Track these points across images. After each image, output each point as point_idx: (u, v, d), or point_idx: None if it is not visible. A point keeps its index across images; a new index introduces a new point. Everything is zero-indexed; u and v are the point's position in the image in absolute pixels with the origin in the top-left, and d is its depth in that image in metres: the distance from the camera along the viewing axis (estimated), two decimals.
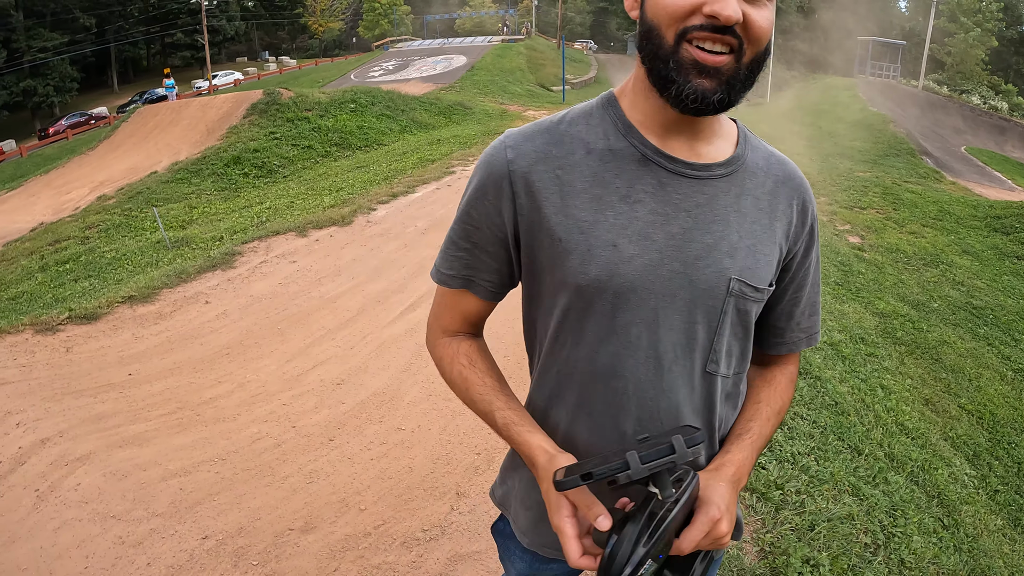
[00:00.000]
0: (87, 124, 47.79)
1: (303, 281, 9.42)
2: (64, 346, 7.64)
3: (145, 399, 6.57)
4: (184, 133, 25.40)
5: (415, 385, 6.57)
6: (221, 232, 13.04)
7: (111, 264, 13.11)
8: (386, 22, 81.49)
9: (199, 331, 8.05)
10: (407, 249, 10.64)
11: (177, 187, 19.31)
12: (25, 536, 4.66)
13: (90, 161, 26.76)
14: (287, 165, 21.15)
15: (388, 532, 4.54)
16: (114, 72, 69.22)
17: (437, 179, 15.67)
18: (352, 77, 46.96)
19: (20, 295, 12.53)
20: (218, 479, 5.20)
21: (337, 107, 25.54)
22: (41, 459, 5.47)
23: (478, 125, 27.08)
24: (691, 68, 1.32)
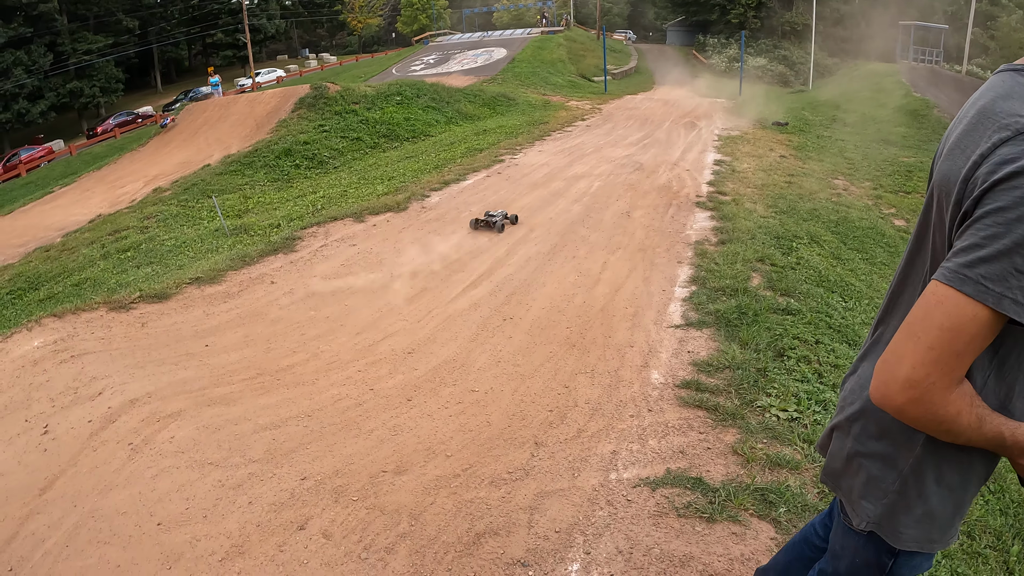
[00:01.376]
0: (134, 123, 48.71)
1: (365, 262, 9.71)
2: (139, 321, 7.99)
3: (225, 366, 6.90)
4: (233, 128, 25.90)
5: (483, 354, 6.82)
6: (278, 219, 13.39)
7: (172, 251, 13.52)
8: (424, 17, 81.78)
9: (268, 308, 8.37)
10: (464, 232, 10.92)
11: (231, 179, 19.76)
12: (122, 484, 4.97)
13: (142, 157, 27.41)
14: (337, 156, 21.50)
15: (476, 474, 4.80)
16: (157, 72, 70.28)
17: (487, 167, 15.97)
18: (394, 72, 47.34)
19: (84, 281, 13.00)
20: (307, 431, 5.50)
21: (383, 100, 25.89)
22: (132, 417, 5.80)
23: (522, 116, 27.31)
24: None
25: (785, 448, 4.85)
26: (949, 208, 1.55)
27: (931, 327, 1.46)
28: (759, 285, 8.20)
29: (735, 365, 6.08)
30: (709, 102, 32.86)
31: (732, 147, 19.29)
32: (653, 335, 7.01)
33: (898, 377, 1.50)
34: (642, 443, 5.04)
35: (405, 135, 23.71)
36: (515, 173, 15.45)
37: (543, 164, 16.39)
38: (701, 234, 10.47)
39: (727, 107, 30.74)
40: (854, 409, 1.89)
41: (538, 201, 12.69)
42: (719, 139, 20.93)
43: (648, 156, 17.42)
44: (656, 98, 35.90)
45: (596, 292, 8.28)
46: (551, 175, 15.07)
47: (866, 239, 11.97)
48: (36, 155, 43.36)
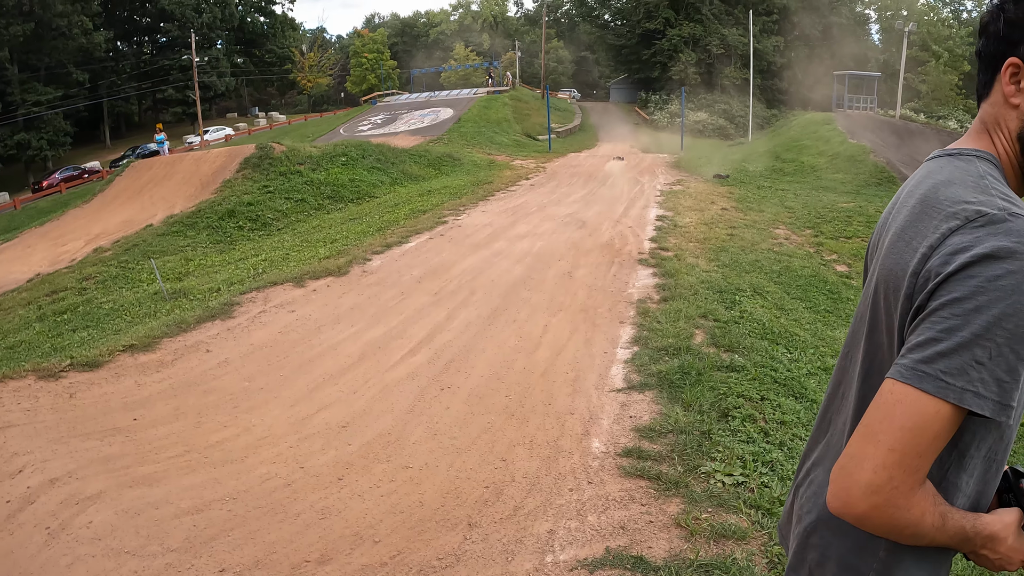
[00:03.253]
0: (80, 178, 48.16)
1: (303, 329, 9.57)
2: (67, 392, 7.75)
3: (152, 442, 6.68)
4: (178, 187, 25.65)
5: (419, 426, 6.70)
6: (218, 283, 13.19)
7: (109, 315, 13.21)
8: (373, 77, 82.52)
9: (202, 378, 8.18)
10: (404, 297, 10.82)
11: (173, 240, 19.51)
12: (37, 572, 4.75)
13: (85, 214, 26.95)
14: (281, 218, 21.38)
15: (404, 561, 4.66)
16: (107, 127, 69.74)
17: (430, 229, 15.94)
18: (342, 131, 47.50)
19: (18, 344, 12.63)
20: (231, 516, 5.32)
21: (329, 160, 25.88)
22: (51, 498, 5.57)
23: (467, 176, 27.48)
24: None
25: (731, 516, 4.77)
26: (899, 304, 1.52)
27: (891, 428, 1.41)
28: (702, 342, 8.21)
29: (678, 429, 6.02)
30: (652, 157, 33.43)
31: (674, 201, 19.59)
32: (594, 400, 6.95)
33: (859, 482, 1.44)
34: (581, 520, 4.94)
35: (350, 196, 23.69)
36: (458, 234, 15.44)
37: (486, 224, 16.43)
38: (643, 292, 10.51)
39: (669, 162, 31.29)
40: (811, 519, 1.80)
41: (480, 262, 12.67)
42: (661, 194, 21.27)
43: (591, 213, 17.59)
44: (599, 155, 36.47)
45: (537, 356, 8.22)
46: (494, 235, 15.10)
47: (809, 287, 12.14)
48: None
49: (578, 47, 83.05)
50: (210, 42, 75.92)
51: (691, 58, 63.33)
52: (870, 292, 1.68)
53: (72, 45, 57.46)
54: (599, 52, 76.67)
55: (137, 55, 71.45)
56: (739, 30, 61.37)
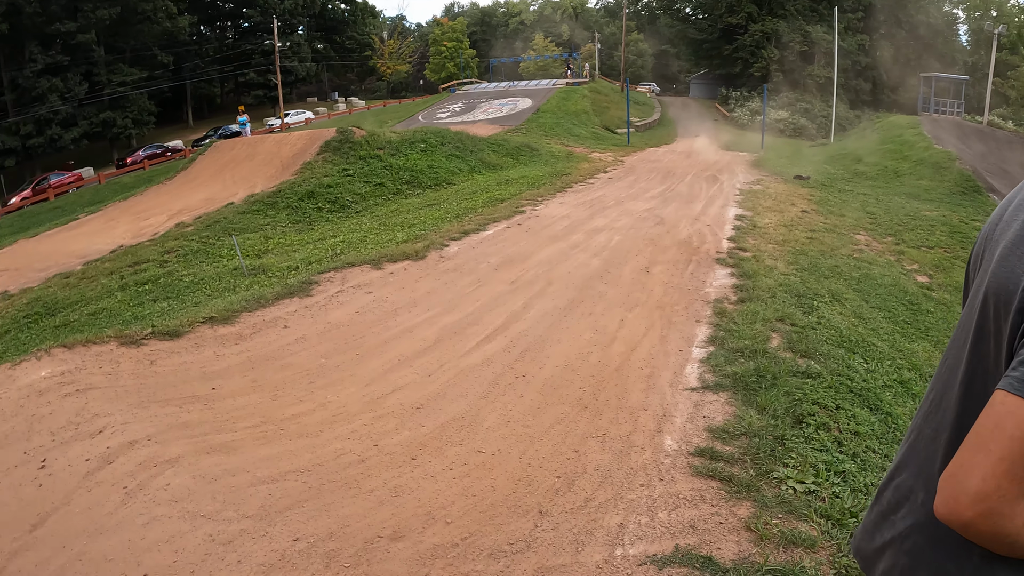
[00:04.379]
0: (163, 156, 49.37)
1: (379, 311, 9.64)
2: (148, 359, 7.92)
3: (229, 412, 6.80)
4: (259, 167, 26.09)
5: (493, 413, 6.69)
6: (297, 262, 13.39)
7: (189, 287, 13.51)
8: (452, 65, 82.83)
9: (279, 353, 8.29)
10: (480, 284, 10.84)
11: (253, 218, 19.84)
12: (113, 529, 4.86)
13: (168, 190, 27.63)
14: (359, 201, 21.57)
15: (475, 544, 4.65)
16: (189, 108, 71.46)
17: (507, 218, 15.96)
18: (420, 118, 47.83)
19: (100, 311, 12.99)
20: (306, 488, 5.38)
21: (408, 146, 26.02)
22: (129, 459, 5.70)
23: (545, 166, 27.39)
24: None
25: (801, 524, 4.66)
26: (1009, 316, 1.49)
27: (1002, 438, 1.40)
28: (779, 346, 8.04)
29: (752, 432, 5.91)
30: (731, 155, 32.94)
31: (753, 201, 19.23)
32: (668, 398, 6.85)
33: (968, 490, 1.43)
34: (651, 516, 4.87)
35: (428, 182, 23.80)
36: (535, 225, 15.41)
37: (564, 216, 16.36)
38: (721, 292, 10.34)
39: (749, 160, 30.80)
40: (905, 525, 1.78)
41: (557, 254, 12.62)
42: (740, 193, 20.89)
43: (669, 210, 17.38)
44: (678, 151, 36.05)
45: (612, 351, 8.14)
46: (571, 227, 15.03)
47: (888, 297, 11.81)
48: (65, 180, 43.97)
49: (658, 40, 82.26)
50: (292, 28, 77.18)
51: (773, 54, 62.28)
52: (977, 302, 1.65)
53: (157, 29, 59.00)
54: (679, 46, 75.79)
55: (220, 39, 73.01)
56: (823, 27, 59.94)
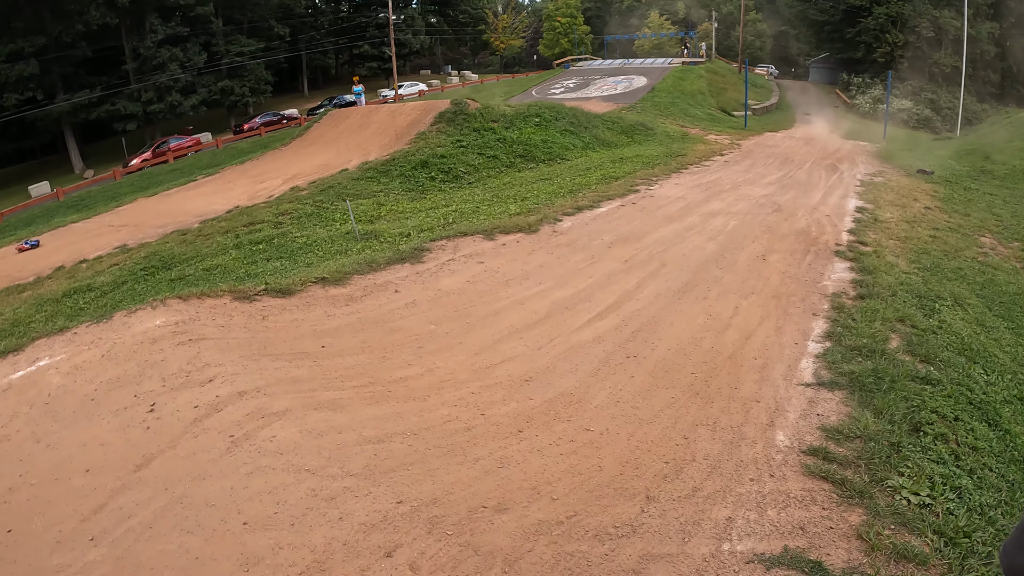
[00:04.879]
0: (279, 123, 50.56)
1: (491, 281, 9.61)
2: (260, 314, 8.10)
3: (338, 370, 6.88)
4: (373, 136, 26.41)
5: (602, 391, 6.57)
6: (408, 229, 13.48)
7: (302, 248, 13.77)
8: (566, 41, 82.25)
9: (389, 316, 8.36)
10: (593, 261, 10.70)
11: (367, 185, 20.06)
12: (216, 475, 4.96)
13: (283, 156, 28.27)
14: (472, 172, 21.60)
15: (580, 523, 4.56)
16: (304, 78, 73.10)
17: (621, 196, 15.74)
18: (534, 93, 47.70)
19: (214, 267, 13.40)
20: (411, 451, 5.37)
21: (522, 120, 25.92)
22: (238, 409, 5.82)
23: (660, 146, 26.93)
24: None
25: (913, 538, 4.45)
26: None
27: None
28: (897, 348, 7.68)
29: (867, 436, 5.68)
30: (852, 144, 31.77)
31: (875, 194, 18.44)
32: (782, 391, 6.63)
33: None
34: (760, 512, 4.72)
35: (541, 157, 23.65)
36: (650, 204, 15.16)
37: (679, 197, 16.04)
38: (839, 286, 9.93)
39: (870, 151, 29.60)
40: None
41: (672, 235, 12.37)
42: (861, 184, 20.06)
43: (787, 197, 16.83)
44: (797, 137, 34.97)
45: (725, 338, 7.92)
46: (687, 209, 14.72)
47: (1013, 306, 11.16)
48: (184, 144, 45.47)
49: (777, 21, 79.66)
50: (406, 1, 77.97)
51: (898, 39, 59.52)
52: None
53: (273, 2, 60.89)
54: (799, 27, 73.20)
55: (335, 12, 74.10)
56: (951, 12, 56.94)
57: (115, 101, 49.54)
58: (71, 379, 6.54)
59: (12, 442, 5.73)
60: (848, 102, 58.23)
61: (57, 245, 19.13)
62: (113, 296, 12.66)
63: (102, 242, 17.85)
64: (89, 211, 25.37)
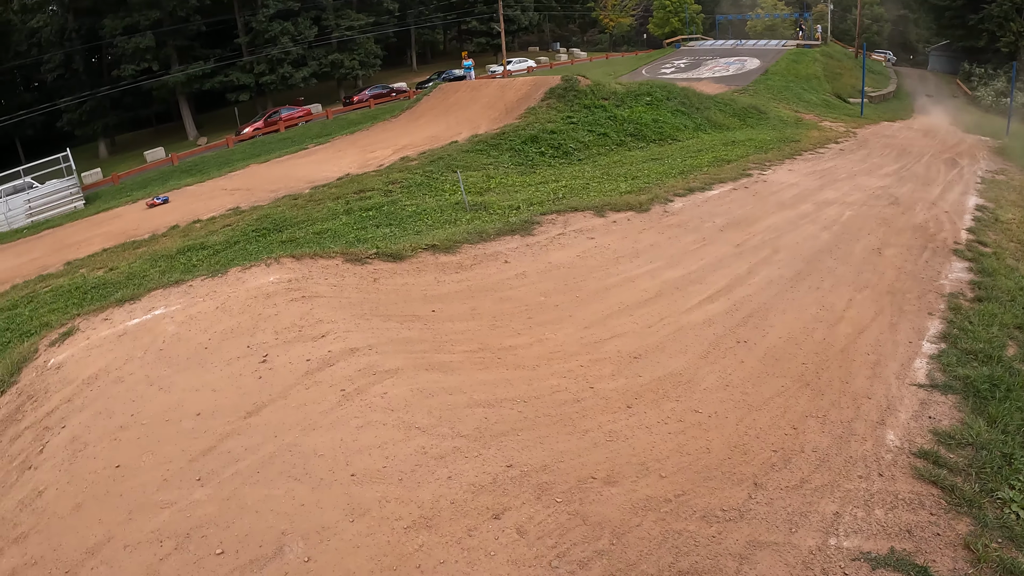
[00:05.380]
0: (388, 96, 51.22)
1: (601, 257, 9.62)
2: (372, 276, 8.29)
3: (448, 334, 7.00)
4: (483, 110, 26.56)
5: (712, 374, 6.54)
6: (518, 202, 13.56)
7: (411, 217, 13.96)
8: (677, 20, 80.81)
9: (498, 286, 8.46)
10: (705, 243, 10.60)
11: (476, 157, 20.19)
12: (326, 427, 5.11)
13: (392, 127, 28.69)
14: (582, 149, 21.49)
15: (688, 503, 4.58)
16: (413, 52, 73.80)
17: (733, 179, 15.50)
18: (644, 72, 47.20)
19: (324, 231, 13.70)
20: (521, 417, 5.44)
21: (633, 99, 25.63)
22: (349, 364, 5.98)
23: (773, 131, 26.36)
24: None
25: (1021, 555, 4.35)
26: None
27: None
28: (1015, 355, 7.42)
29: (979, 444, 5.54)
30: (973, 139, 30.50)
31: (996, 192, 17.67)
32: (894, 390, 6.51)
33: None
34: (868, 510, 4.69)
35: (652, 136, 23.39)
36: (763, 189, 14.90)
37: (792, 184, 15.70)
38: (956, 286, 9.62)
39: (992, 146, 28.36)
40: None
41: (785, 222, 12.14)
42: (982, 182, 19.26)
43: (904, 190, 16.28)
44: (915, 128, 33.77)
45: (838, 331, 7.78)
46: (800, 197, 14.41)
47: None
48: (295, 115, 46.48)
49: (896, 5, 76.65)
50: None
51: None
52: None
53: None
54: (919, 13, 70.12)
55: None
56: None
57: (228, 73, 51.11)
58: (186, 328, 6.82)
59: (125, 384, 6.00)
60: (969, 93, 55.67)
61: (174, 205, 19.89)
62: (226, 255, 13.10)
63: (215, 204, 18.52)
64: (203, 175, 26.38)
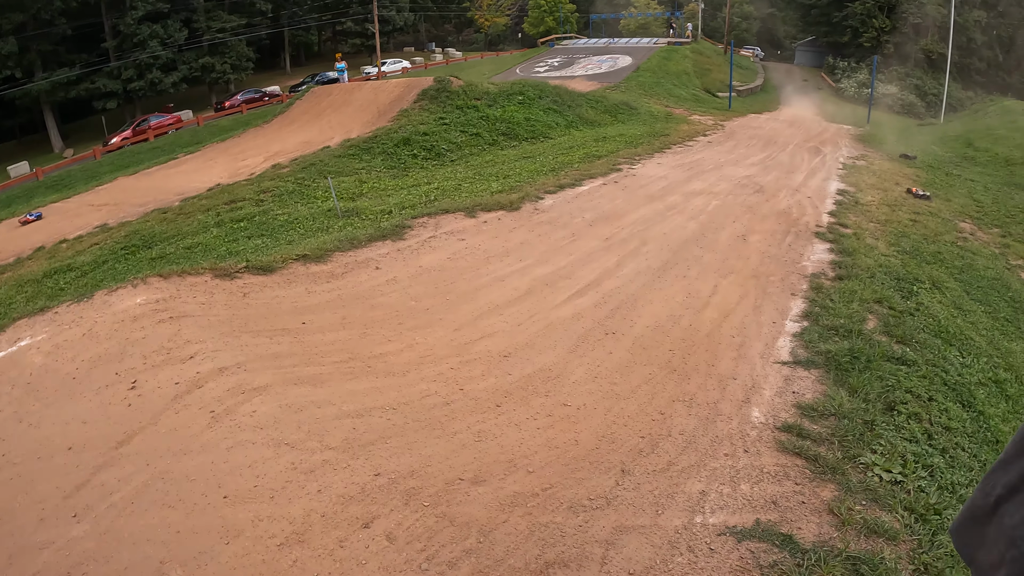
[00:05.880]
0: (261, 100, 50.24)
1: (472, 258, 9.64)
2: (241, 291, 8.11)
3: (318, 346, 6.90)
4: (356, 113, 26.28)
5: (581, 366, 6.62)
6: (390, 206, 13.46)
7: (283, 226, 13.69)
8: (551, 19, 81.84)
9: (369, 293, 8.38)
10: (574, 239, 10.73)
11: (348, 162, 19.97)
12: (197, 451, 5.00)
13: (265, 133, 28.08)
14: (455, 150, 21.50)
15: (555, 495, 4.62)
16: (287, 55, 72.37)
17: (604, 175, 15.76)
18: (518, 71, 47.52)
19: (195, 245, 13.31)
20: (390, 424, 5.41)
21: (505, 98, 25.83)
22: (218, 385, 5.85)
23: (643, 126, 26.95)
24: None
25: (884, 514, 4.54)
26: None
27: None
28: (875, 328, 7.79)
29: (841, 413, 5.77)
30: (836, 128, 31.92)
31: (856, 177, 18.57)
32: (758, 369, 6.72)
33: None
34: (733, 486, 4.80)
35: (524, 135, 23.61)
36: (632, 183, 15.19)
37: (661, 177, 16.09)
38: (818, 266, 10.04)
39: (854, 134, 29.76)
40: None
41: (653, 214, 12.42)
42: (844, 167, 20.19)
43: (769, 179, 16.91)
44: (781, 119, 35.11)
45: (704, 316, 7.99)
46: (668, 189, 14.77)
47: (991, 291, 11.30)
48: (165, 122, 45.03)
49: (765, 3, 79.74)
50: None
51: (885, 25, 59.71)
52: None
53: None
54: (786, 11, 73.40)
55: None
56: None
57: (95, 79, 48.95)
58: (52, 358, 6.55)
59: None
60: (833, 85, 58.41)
61: (40, 224, 19.05)
62: (94, 276, 12.61)
63: (82, 222, 17.74)
64: (69, 191, 25.23)
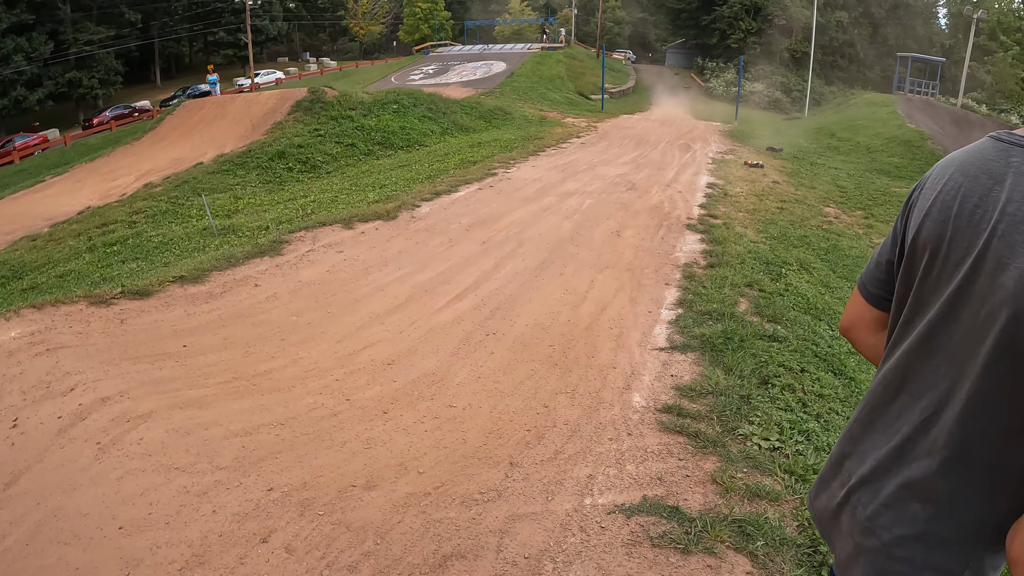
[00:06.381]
0: (131, 116, 48.66)
1: (351, 269, 9.65)
2: (118, 317, 7.89)
3: (202, 368, 6.81)
4: (229, 127, 25.83)
5: (464, 369, 6.74)
6: (267, 222, 13.32)
7: (158, 248, 13.40)
8: (426, 27, 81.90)
9: (250, 311, 8.28)
10: (452, 244, 10.85)
11: (223, 178, 19.65)
12: (87, 484, 4.88)
13: (135, 151, 27.28)
14: (331, 161, 21.40)
15: (447, 492, 4.73)
16: (157, 67, 70.24)
17: (479, 180, 15.93)
18: (393, 80, 47.45)
19: (68, 273, 12.87)
20: (279, 440, 5.42)
21: (380, 107, 25.82)
22: (102, 415, 5.70)
23: (518, 130, 27.28)
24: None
25: (765, 478, 4.78)
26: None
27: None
28: (746, 310, 8.17)
29: (718, 391, 6.03)
30: (705, 125, 33.03)
31: (726, 171, 19.33)
32: (637, 357, 6.94)
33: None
34: (619, 468, 4.96)
35: (400, 144, 23.64)
36: (507, 187, 15.42)
37: (536, 179, 16.37)
38: (690, 256, 10.43)
39: (723, 131, 30.89)
40: (898, 534, 1.60)
41: (529, 216, 12.65)
42: (713, 162, 20.99)
43: (641, 176, 17.43)
44: (652, 119, 36.10)
45: (582, 310, 8.21)
46: (543, 190, 15.05)
47: (855, 268, 11.96)
48: (31, 143, 43.22)
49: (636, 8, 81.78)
50: None
51: (751, 27, 62.30)
52: (993, 328, 1.40)
53: None
54: (657, 15, 75.67)
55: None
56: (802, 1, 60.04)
57: None
58: None
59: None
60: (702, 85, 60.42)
61: None
62: None
63: None
64: None
